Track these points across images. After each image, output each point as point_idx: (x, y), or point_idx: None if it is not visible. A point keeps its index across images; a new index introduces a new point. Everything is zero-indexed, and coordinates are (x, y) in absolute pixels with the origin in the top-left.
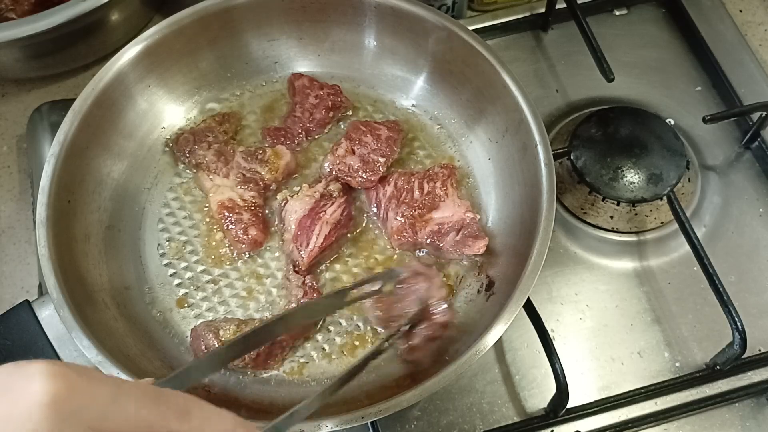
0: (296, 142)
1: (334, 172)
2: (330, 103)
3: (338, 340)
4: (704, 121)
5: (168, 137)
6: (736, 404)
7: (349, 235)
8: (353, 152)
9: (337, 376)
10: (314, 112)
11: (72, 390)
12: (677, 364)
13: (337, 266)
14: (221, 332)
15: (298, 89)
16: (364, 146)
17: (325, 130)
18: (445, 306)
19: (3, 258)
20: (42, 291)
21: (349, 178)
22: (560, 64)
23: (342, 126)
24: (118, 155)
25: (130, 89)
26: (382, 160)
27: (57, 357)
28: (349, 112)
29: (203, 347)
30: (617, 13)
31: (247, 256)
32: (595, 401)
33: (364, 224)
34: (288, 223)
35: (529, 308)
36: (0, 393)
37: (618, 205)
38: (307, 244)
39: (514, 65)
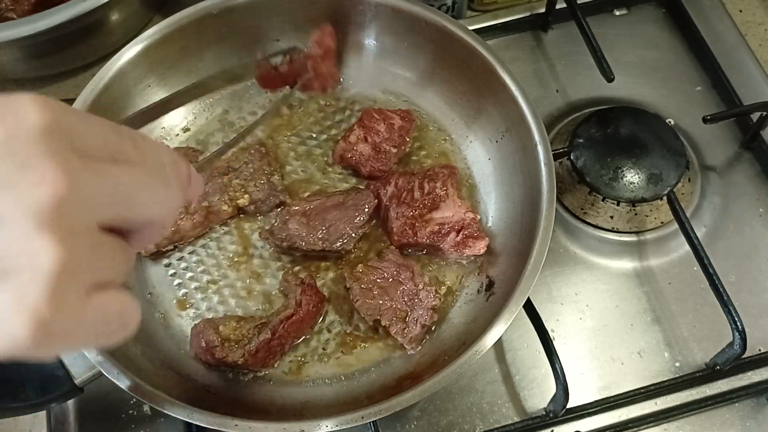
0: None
1: (344, 159)
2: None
3: (338, 340)
4: (704, 121)
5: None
6: (736, 404)
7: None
8: (366, 140)
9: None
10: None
11: (59, 116)
12: (677, 364)
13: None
14: (221, 328)
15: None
16: (376, 134)
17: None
18: (433, 290)
19: None
20: None
21: (359, 166)
22: (560, 64)
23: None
24: None
25: (130, 89)
26: (393, 150)
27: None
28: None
29: (203, 344)
30: (617, 13)
31: (247, 256)
32: (595, 401)
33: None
34: None
35: (529, 308)
36: None
37: (618, 205)
38: None
39: (514, 65)
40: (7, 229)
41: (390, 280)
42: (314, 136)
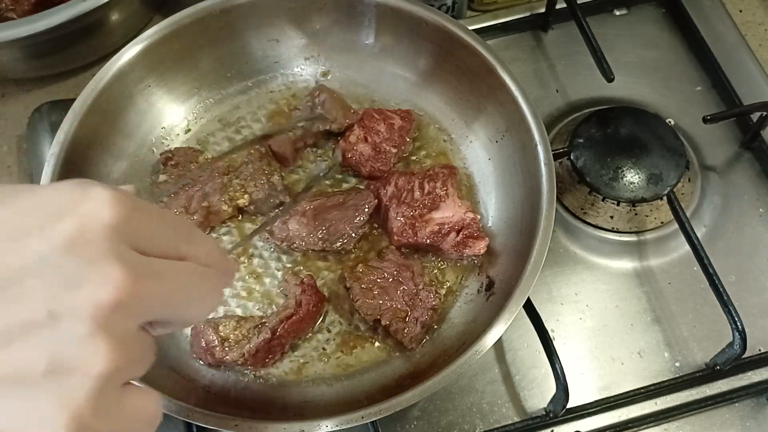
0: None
1: (344, 159)
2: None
3: (338, 340)
4: (704, 121)
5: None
6: (736, 404)
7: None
8: (366, 140)
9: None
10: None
11: (129, 214)
12: (677, 364)
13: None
14: (221, 328)
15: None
16: (376, 134)
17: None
18: (433, 290)
19: None
20: None
21: (359, 166)
22: (560, 64)
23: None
24: (118, 155)
25: (130, 89)
26: (393, 150)
27: None
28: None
29: (203, 344)
30: (617, 13)
31: (247, 256)
32: (595, 401)
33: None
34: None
35: (529, 308)
36: (69, 210)
37: (618, 205)
38: None
39: (514, 65)
40: (63, 327)
41: (390, 280)
42: None
